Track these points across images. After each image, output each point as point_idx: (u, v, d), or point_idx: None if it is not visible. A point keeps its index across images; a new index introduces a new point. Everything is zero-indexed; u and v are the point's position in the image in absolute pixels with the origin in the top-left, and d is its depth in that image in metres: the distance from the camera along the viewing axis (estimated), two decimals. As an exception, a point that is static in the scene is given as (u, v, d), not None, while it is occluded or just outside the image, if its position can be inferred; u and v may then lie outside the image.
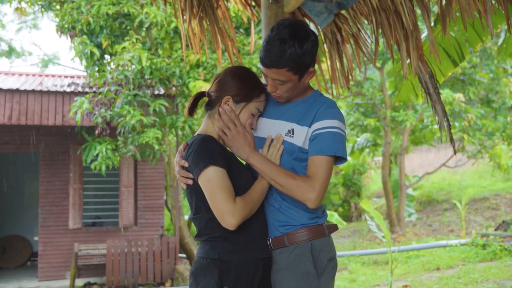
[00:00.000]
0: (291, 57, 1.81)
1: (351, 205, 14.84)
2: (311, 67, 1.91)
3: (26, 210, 11.37)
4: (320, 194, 1.84)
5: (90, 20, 7.92)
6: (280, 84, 1.89)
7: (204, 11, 3.40)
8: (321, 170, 1.85)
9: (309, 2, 3.13)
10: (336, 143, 1.87)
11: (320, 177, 1.85)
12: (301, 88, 1.96)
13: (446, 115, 3.49)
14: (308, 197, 1.83)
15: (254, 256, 1.88)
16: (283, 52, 1.81)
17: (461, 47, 4.24)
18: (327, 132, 1.87)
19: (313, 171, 1.86)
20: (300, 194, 1.84)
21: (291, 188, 1.85)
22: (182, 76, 8.06)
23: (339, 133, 1.89)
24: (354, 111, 12.02)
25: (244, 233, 1.87)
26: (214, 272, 1.84)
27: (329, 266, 1.92)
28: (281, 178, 1.85)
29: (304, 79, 1.93)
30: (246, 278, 1.86)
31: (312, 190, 1.83)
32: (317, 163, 1.86)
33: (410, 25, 2.90)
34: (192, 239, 9.73)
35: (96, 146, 7.95)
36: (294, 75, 1.87)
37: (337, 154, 1.87)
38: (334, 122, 1.89)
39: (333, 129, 1.88)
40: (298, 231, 1.90)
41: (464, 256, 7.94)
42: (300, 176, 1.87)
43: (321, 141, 1.87)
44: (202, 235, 1.92)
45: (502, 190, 13.22)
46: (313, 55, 1.88)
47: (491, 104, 11.61)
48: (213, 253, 1.87)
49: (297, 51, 1.81)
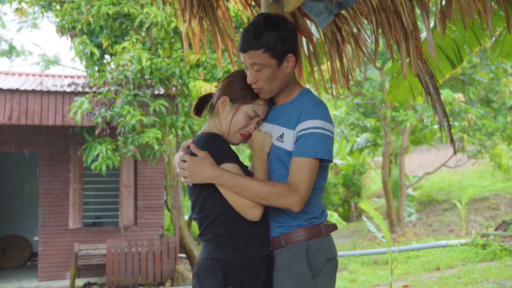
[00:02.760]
0: (266, 38, 1.85)
1: (351, 205, 14.83)
2: (290, 54, 1.89)
3: (26, 210, 11.37)
4: (304, 197, 1.80)
5: (90, 20, 7.93)
6: (258, 70, 1.88)
7: (204, 11, 3.41)
8: (303, 172, 1.81)
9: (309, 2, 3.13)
10: (317, 145, 1.82)
11: (301, 180, 1.80)
12: (282, 79, 1.93)
13: (446, 115, 3.49)
14: (292, 203, 1.79)
15: (255, 253, 1.88)
16: (259, 35, 1.86)
17: (459, 48, 4.24)
18: (309, 133, 1.83)
19: (294, 174, 1.82)
20: (284, 201, 1.80)
21: (273, 198, 1.80)
22: (182, 76, 8.06)
23: (321, 134, 1.83)
24: (354, 111, 12.02)
25: (245, 229, 1.87)
26: (218, 273, 1.84)
27: (327, 266, 1.91)
28: (261, 188, 1.81)
29: (284, 67, 1.91)
30: (250, 277, 1.86)
31: (295, 194, 1.79)
32: (299, 166, 1.82)
33: (410, 25, 2.90)
34: (192, 239, 9.73)
35: (96, 146, 7.95)
36: (272, 58, 1.87)
37: (317, 156, 1.81)
38: (316, 122, 1.84)
39: (316, 129, 1.83)
40: (294, 232, 1.90)
41: (464, 256, 7.94)
42: (280, 183, 1.83)
43: (303, 142, 1.84)
44: (206, 234, 1.91)
45: (502, 190, 13.22)
46: (290, 42, 1.89)
47: (491, 104, 11.61)
48: (217, 253, 1.86)
49: (272, 33, 1.86)
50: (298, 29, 3.49)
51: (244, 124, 1.96)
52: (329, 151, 1.84)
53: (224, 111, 1.98)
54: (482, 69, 11.20)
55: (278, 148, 1.93)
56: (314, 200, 1.93)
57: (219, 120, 1.99)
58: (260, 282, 1.88)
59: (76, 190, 9.43)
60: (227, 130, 1.97)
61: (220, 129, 1.98)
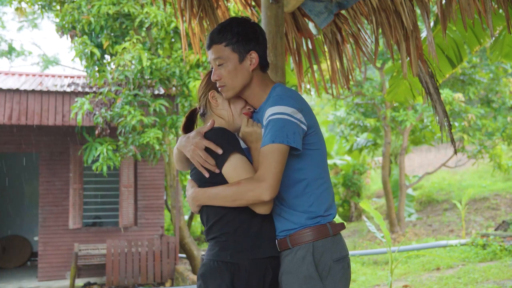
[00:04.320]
0: (228, 33, 1.92)
1: (351, 205, 14.82)
2: (253, 51, 1.93)
3: (26, 210, 11.38)
4: (271, 184, 1.74)
5: (91, 20, 7.93)
6: (221, 65, 1.92)
7: (204, 11, 3.41)
8: (265, 160, 1.76)
9: (309, 2, 3.13)
10: (276, 131, 1.78)
11: (265, 167, 1.76)
12: (245, 76, 1.93)
13: (447, 115, 3.49)
14: (260, 192, 1.74)
15: (262, 254, 1.87)
16: (222, 30, 1.94)
17: (459, 48, 4.24)
18: (267, 122, 1.82)
19: (259, 164, 1.79)
20: (251, 194, 1.76)
21: (241, 196, 1.77)
22: (182, 76, 8.06)
23: (278, 119, 1.79)
24: (354, 111, 12.02)
25: (252, 230, 1.86)
26: (225, 275, 1.82)
27: (335, 267, 1.86)
28: (228, 190, 1.81)
29: (247, 65, 1.93)
30: (257, 280, 1.84)
31: (259, 183, 1.75)
32: (262, 155, 1.79)
33: (410, 25, 2.90)
34: (192, 239, 9.73)
35: (97, 146, 7.95)
36: (233, 52, 1.92)
37: (275, 142, 1.76)
38: (274, 109, 1.82)
39: (273, 116, 1.81)
40: (299, 232, 1.86)
41: (464, 256, 7.94)
42: (244, 179, 1.80)
43: (264, 133, 1.83)
44: (211, 232, 1.90)
45: (502, 190, 13.22)
46: (253, 39, 1.94)
47: (491, 104, 11.61)
48: (224, 255, 1.85)
49: (234, 29, 1.93)
50: (298, 29, 3.49)
51: (242, 103, 2.00)
52: (288, 136, 1.78)
53: (218, 103, 2.01)
54: (482, 69, 11.20)
55: None
56: (314, 197, 1.88)
57: (219, 114, 2.00)
58: (267, 285, 1.87)
59: (76, 190, 9.43)
60: (231, 117, 1.99)
61: (225, 120, 2.00)
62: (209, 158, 1.86)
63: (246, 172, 1.82)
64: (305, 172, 1.88)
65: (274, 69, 2.81)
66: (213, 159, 1.86)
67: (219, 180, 1.87)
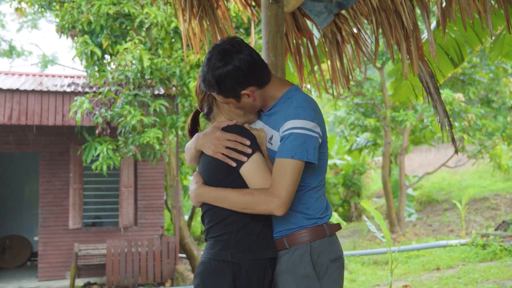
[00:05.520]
0: (208, 85, 1.84)
1: (351, 205, 14.83)
2: (242, 91, 1.83)
3: (26, 210, 11.37)
4: (284, 201, 1.76)
5: (91, 19, 7.93)
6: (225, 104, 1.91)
7: (204, 11, 3.41)
8: (282, 175, 1.77)
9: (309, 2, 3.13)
10: (296, 146, 1.78)
11: (281, 183, 1.77)
12: (253, 106, 1.91)
13: (447, 115, 3.49)
14: (271, 208, 1.77)
15: (263, 255, 1.87)
16: (204, 81, 1.85)
17: (460, 48, 4.24)
18: (289, 134, 1.80)
19: (274, 176, 1.79)
20: (264, 207, 1.78)
21: (253, 206, 1.79)
22: (182, 76, 8.06)
23: (300, 134, 1.79)
24: (354, 111, 12.02)
25: (254, 231, 1.86)
26: (227, 275, 1.81)
27: (331, 267, 1.89)
28: (240, 198, 1.81)
29: (245, 99, 1.87)
30: (257, 280, 1.84)
31: (273, 199, 1.76)
32: (279, 168, 1.78)
33: (410, 25, 2.90)
34: (192, 239, 9.73)
35: (97, 146, 7.95)
36: (227, 98, 1.86)
37: (295, 158, 1.77)
38: (297, 122, 1.80)
39: (295, 130, 1.79)
40: (296, 233, 1.88)
41: (464, 256, 7.94)
42: (258, 190, 1.80)
43: (283, 143, 1.82)
44: (213, 232, 1.89)
45: (502, 190, 13.23)
46: (239, 77, 1.80)
47: (491, 104, 11.61)
48: (225, 254, 1.84)
49: (211, 80, 1.81)
50: (298, 29, 3.49)
51: None
52: (308, 152, 1.79)
53: None
54: (482, 69, 11.20)
55: (269, 150, 1.93)
56: (312, 200, 1.91)
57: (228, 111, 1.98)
58: (266, 286, 1.87)
59: (76, 190, 9.43)
60: (241, 114, 1.98)
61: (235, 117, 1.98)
62: (238, 145, 1.84)
63: (266, 174, 1.82)
64: (308, 179, 1.90)
65: (274, 69, 2.80)
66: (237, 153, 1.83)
67: (232, 179, 1.85)
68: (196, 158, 2.00)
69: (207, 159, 1.92)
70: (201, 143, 1.93)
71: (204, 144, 1.91)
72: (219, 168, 1.88)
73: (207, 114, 2.04)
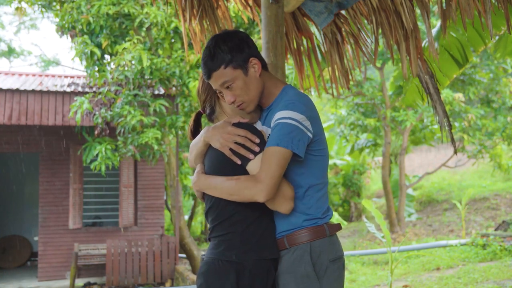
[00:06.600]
0: (221, 55, 1.88)
1: (351, 205, 14.83)
2: (251, 58, 1.91)
3: (26, 210, 11.38)
4: (268, 186, 1.76)
5: (90, 20, 7.93)
6: (230, 86, 1.89)
7: (204, 11, 3.41)
8: (266, 161, 1.78)
9: (309, 2, 3.13)
10: (283, 134, 1.79)
11: (265, 168, 1.77)
12: (257, 85, 1.93)
13: (447, 115, 3.49)
14: (255, 192, 1.76)
15: (267, 255, 1.86)
16: (213, 55, 1.88)
17: (464, 48, 4.24)
18: (276, 124, 1.83)
19: (261, 164, 1.80)
20: (248, 192, 1.78)
21: (237, 192, 1.80)
22: (182, 76, 8.06)
23: (288, 124, 1.80)
24: (354, 111, 12.02)
25: (258, 231, 1.86)
26: (230, 275, 1.80)
27: (331, 267, 1.89)
28: (226, 183, 1.82)
29: (252, 73, 1.91)
30: (260, 281, 1.84)
31: (256, 184, 1.76)
32: (265, 156, 1.80)
33: (410, 25, 2.90)
34: (192, 239, 9.73)
35: (96, 146, 7.95)
36: (235, 69, 1.88)
37: (280, 145, 1.77)
38: (285, 112, 1.82)
39: (283, 119, 1.81)
40: (296, 233, 1.88)
41: (464, 256, 7.94)
42: (244, 176, 1.82)
43: (271, 133, 1.84)
44: (217, 231, 1.88)
45: (502, 190, 13.23)
46: (246, 48, 1.91)
47: (491, 104, 11.61)
48: (230, 254, 1.83)
49: (224, 47, 1.88)
50: (298, 29, 3.49)
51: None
52: (293, 142, 1.79)
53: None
54: (482, 69, 11.20)
55: None
56: (313, 200, 1.91)
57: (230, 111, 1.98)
58: (269, 286, 1.87)
59: (76, 190, 9.43)
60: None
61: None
62: (247, 142, 1.84)
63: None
64: (307, 177, 1.90)
65: (274, 69, 2.80)
66: (246, 150, 1.83)
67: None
68: (202, 153, 1.99)
69: (214, 154, 1.91)
70: (210, 135, 1.91)
71: (213, 136, 1.90)
72: (224, 164, 1.87)
73: (209, 115, 2.03)
